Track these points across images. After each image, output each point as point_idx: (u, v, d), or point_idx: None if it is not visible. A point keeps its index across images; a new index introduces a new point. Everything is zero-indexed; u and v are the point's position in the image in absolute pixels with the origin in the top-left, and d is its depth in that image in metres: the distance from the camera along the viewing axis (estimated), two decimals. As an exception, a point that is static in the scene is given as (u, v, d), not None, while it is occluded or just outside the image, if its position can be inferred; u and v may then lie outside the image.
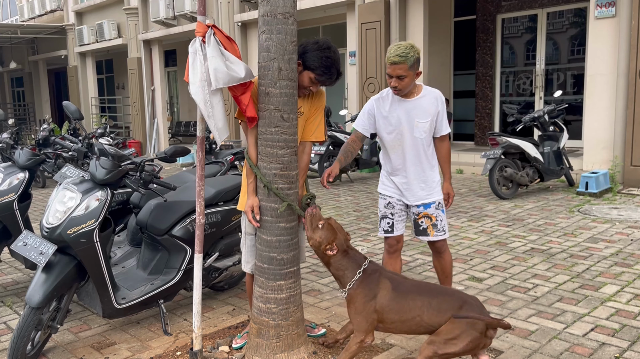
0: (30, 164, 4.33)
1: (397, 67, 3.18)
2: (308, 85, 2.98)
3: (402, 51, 3.16)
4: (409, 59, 3.16)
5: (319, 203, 7.73)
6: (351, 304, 2.79)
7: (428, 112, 3.32)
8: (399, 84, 3.23)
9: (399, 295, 2.73)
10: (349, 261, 2.82)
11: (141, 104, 16.42)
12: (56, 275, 3.11)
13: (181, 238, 3.67)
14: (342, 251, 2.83)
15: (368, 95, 10.86)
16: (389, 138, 3.41)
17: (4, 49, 22.49)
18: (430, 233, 3.45)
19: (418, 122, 3.32)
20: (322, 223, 2.82)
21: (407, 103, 3.34)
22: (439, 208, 3.44)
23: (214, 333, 3.51)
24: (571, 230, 5.76)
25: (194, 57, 2.76)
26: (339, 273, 2.83)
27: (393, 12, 10.46)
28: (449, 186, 3.52)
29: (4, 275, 4.94)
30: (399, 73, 3.19)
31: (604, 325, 3.48)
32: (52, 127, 12.13)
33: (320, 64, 2.91)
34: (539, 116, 7.81)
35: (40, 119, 21.43)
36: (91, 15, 18.25)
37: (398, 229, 3.52)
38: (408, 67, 3.17)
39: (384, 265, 3.60)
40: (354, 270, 2.81)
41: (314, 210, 2.86)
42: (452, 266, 3.64)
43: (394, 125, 3.36)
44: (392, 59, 3.18)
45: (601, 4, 8.04)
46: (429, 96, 3.35)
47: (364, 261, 2.84)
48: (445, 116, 3.41)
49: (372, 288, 2.75)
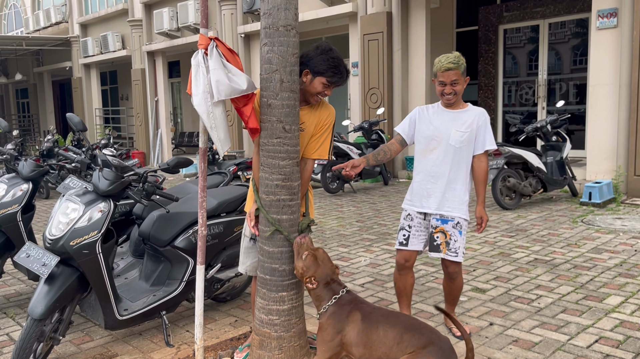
0: (34, 175, 4.34)
1: (451, 73, 3.28)
2: (322, 91, 2.97)
3: (453, 59, 3.28)
4: (461, 66, 3.29)
5: (322, 213, 7.73)
6: (319, 332, 2.75)
7: (467, 124, 3.38)
8: (454, 89, 3.32)
9: (367, 327, 2.63)
10: (327, 292, 2.77)
11: (145, 115, 16.49)
12: (59, 287, 3.11)
13: (183, 249, 3.67)
14: (323, 284, 2.78)
15: (370, 105, 10.89)
16: (424, 142, 3.44)
17: (9, 60, 22.66)
18: (442, 249, 3.39)
19: (456, 130, 3.36)
20: (305, 254, 2.78)
21: (450, 113, 3.42)
22: (457, 228, 3.37)
23: (216, 345, 3.50)
24: (575, 241, 5.74)
25: (197, 69, 2.78)
26: (316, 303, 2.81)
27: (395, 23, 10.52)
28: (482, 210, 3.42)
29: (7, 286, 4.94)
30: (453, 79, 3.29)
31: (609, 337, 3.46)
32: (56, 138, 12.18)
33: (329, 66, 2.92)
34: (541, 126, 7.82)
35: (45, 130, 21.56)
36: (96, 27, 18.40)
37: (413, 244, 3.47)
38: (460, 73, 3.29)
39: (394, 281, 3.58)
40: (330, 299, 2.77)
41: (302, 239, 2.82)
42: (461, 290, 3.61)
43: (432, 130, 3.41)
44: (446, 66, 3.27)
45: (603, 14, 8.07)
46: (472, 111, 3.43)
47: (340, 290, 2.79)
48: (488, 133, 3.43)
49: (341, 319, 2.68)
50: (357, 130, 9.81)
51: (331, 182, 9.27)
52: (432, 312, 3.98)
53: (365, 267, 5.12)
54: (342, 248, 5.83)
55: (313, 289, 2.78)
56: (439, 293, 4.34)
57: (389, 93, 10.71)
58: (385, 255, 5.48)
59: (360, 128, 9.74)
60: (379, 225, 6.87)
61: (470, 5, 11.92)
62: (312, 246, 2.83)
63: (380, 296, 4.34)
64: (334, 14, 11.35)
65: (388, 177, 10.29)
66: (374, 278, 4.78)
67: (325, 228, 6.78)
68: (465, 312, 3.95)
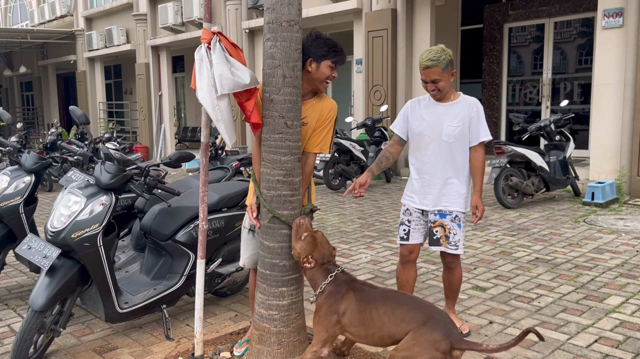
0: (37, 168, 4.36)
1: (430, 71, 3.21)
2: (330, 74, 2.98)
3: (433, 55, 3.19)
4: (441, 62, 3.19)
5: (324, 209, 7.73)
6: (316, 313, 2.77)
7: (459, 117, 3.31)
8: (436, 88, 3.26)
9: (362, 306, 2.66)
10: (323, 272, 2.80)
11: (148, 109, 16.51)
12: (59, 279, 3.12)
13: (184, 244, 3.68)
14: (320, 264, 2.81)
15: (374, 102, 10.88)
16: (417, 139, 3.41)
17: (14, 53, 22.71)
18: (442, 243, 3.39)
19: (447, 125, 3.31)
20: (305, 235, 2.81)
21: (441, 107, 3.35)
22: (455, 221, 3.37)
23: (216, 339, 3.51)
24: (576, 240, 5.73)
25: (200, 64, 2.78)
26: (312, 282, 2.84)
27: (400, 20, 10.49)
28: (479, 199, 3.41)
29: (9, 278, 4.96)
30: (433, 77, 3.22)
31: (608, 337, 3.46)
32: (60, 131, 12.22)
33: (329, 48, 2.95)
34: (545, 125, 7.80)
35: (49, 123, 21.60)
36: (100, 21, 18.42)
37: (414, 238, 3.47)
38: (441, 70, 3.20)
39: (397, 275, 3.59)
40: (325, 278, 2.79)
41: (301, 220, 2.84)
42: (461, 282, 3.61)
43: (423, 126, 3.37)
44: (425, 64, 3.21)
45: (608, 14, 8.04)
46: (463, 102, 3.35)
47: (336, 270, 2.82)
48: (482, 124, 3.35)
49: (337, 299, 2.71)
50: (360, 127, 9.80)
51: (333, 179, 9.27)
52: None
53: (366, 264, 5.12)
54: (343, 244, 5.83)
55: (310, 269, 2.80)
56: (439, 290, 4.34)
57: (393, 90, 10.69)
58: (386, 252, 5.48)
59: (363, 125, 9.73)
60: (380, 222, 6.87)
61: (475, 3, 11.88)
62: (311, 229, 2.86)
63: (380, 293, 4.34)
64: (339, 10, 11.33)
65: (390, 175, 10.28)
66: (374, 275, 4.78)
67: (327, 225, 6.79)
68: (465, 310, 3.95)
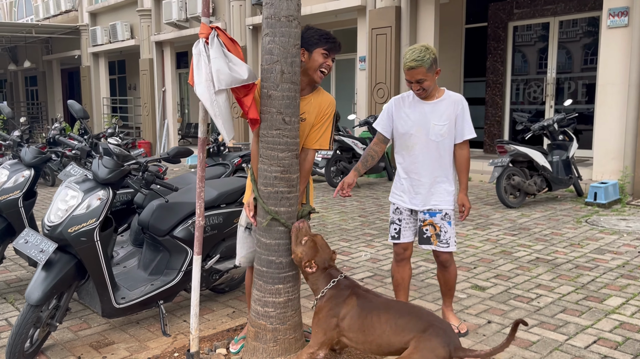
0: (36, 162, 4.35)
1: (414, 72, 3.16)
2: (324, 61, 2.95)
3: (417, 55, 3.14)
4: (425, 62, 3.14)
5: (324, 207, 7.71)
6: (316, 315, 2.76)
7: (445, 115, 3.27)
8: (421, 87, 3.22)
9: (364, 312, 2.64)
10: (325, 277, 2.79)
11: (152, 105, 16.51)
12: (56, 273, 3.11)
13: (182, 239, 3.66)
14: (321, 269, 2.80)
15: (377, 100, 10.84)
16: (403, 138, 3.37)
17: (18, 48, 22.75)
18: (433, 242, 3.38)
19: (434, 124, 3.27)
20: (305, 239, 2.79)
21: (426, 105, 3.30)
22: (445, 219, 3.35)
23: (213, 335, 3.50)
24: (578, 241, 5.70)
25: (198, 58, 2.76)
26: (314, 287, 2.83)
27: (404, 18, 10.45)
28: (464, 197, 3.41)
29: (8, 272, 4.96)
30: (418, 78, 3.18)
31: (607, 338, 3.43)
32: (63, 126, 12.24)
33: (320, 36, 2.94)
34: (548, 125, 7.75)
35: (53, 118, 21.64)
36: (105, 16, 18.42)
37: (405, 236, 3.46)
38: (426, 70, 3.15)
39: (392, 273, 3.57)
40: (327, 283, 2.78)
41: (301, 224, 2.83)
42: (457, 279, 3.58)
43: (409, 125, 3.33)
44: (409, 64, 3.16)
45: (614, 13, 7.98)
46: (448, 100, 3.30)
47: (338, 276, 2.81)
48: (466, 122, 3.31)
49: (338, 303, 2.70)
50: (363, 125, 9.77)
51: (335, 176, 9.25)
52: (431, 309, 3.95)
53: (366, 262, 5.10)
54: (343, 242, 5.82)
55: (312, 273, 2.78)
56: (437, 289, 4.32)
57: (396, 88, 10.65)
58: (386, 250, 5.46)
59: (365, 123, 9.70)
60: (381, 220, 6.85)
61: (480, 2, 11.81)
62: (310, 232, 2.85)
63: (379, 291, 4.31)
64: (343, 7, 11.29)
65: (392, 173, 10.25)
66: (373, 273, 4.77)
67: (327, 222, 6.77)
68: (464, 309, 3.93)
